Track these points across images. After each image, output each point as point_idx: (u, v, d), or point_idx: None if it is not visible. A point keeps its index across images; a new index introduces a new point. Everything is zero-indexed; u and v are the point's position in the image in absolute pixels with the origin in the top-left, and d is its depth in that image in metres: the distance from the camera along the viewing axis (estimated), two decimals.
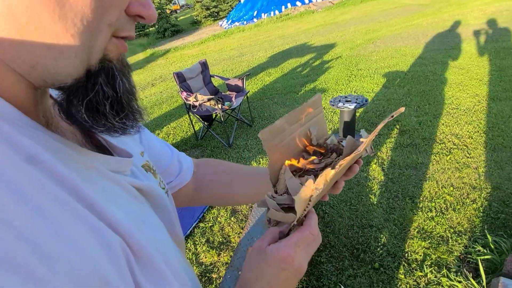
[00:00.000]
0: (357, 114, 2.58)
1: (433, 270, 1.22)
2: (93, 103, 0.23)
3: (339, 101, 2.15)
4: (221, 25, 10.31)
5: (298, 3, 9.45)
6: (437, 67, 3.26)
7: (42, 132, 0.22)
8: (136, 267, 0.22)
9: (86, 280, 0.17)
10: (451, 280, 1.15)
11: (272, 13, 9.31)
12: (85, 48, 0.21)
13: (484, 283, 1.05)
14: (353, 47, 4.74)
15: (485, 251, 1.20)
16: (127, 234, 0.22)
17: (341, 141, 0.42)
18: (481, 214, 1.43)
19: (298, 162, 0.40)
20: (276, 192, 0.38)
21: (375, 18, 6.64)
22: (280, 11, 9.35)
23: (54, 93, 0.26)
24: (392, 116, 0.37)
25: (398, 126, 2.31)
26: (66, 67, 0.21)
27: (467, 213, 1.45)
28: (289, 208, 0.35)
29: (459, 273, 1.17)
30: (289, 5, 9.43)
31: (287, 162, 0.39)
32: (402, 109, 0.40)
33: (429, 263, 1.26)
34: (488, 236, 1.24)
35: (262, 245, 0.34)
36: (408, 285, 1.19)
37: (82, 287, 0.17)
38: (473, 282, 1.07)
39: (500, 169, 1.67)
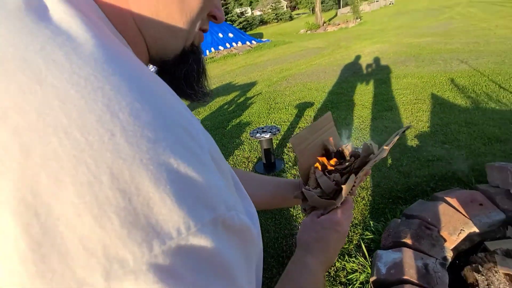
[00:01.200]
0: (276, 141, 2.97)
1: (338, 259, 1.50)
2: (187, 73, 0.32)
3: (257, 132, 2.49)
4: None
5: (220, 47, 10.35)
6: (333, 97, 4.05)
7: None
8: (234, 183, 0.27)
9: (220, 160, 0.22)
10: (350, 263, 1.44)
11: None
12: (187, 33, 0.29)
13: (367, 256, 1.37)
14: (271, 84, 5.45)
15: (369, 234, 1.56)
16: None
17: (357, 148, 0.52)
18: (369, 207, 1.84)
19: (326, 163, 0.49)
20: (307, 186, 0.47)
21: (286, 59, 7.80)
22: (205, 54, 10.01)
23: None
24: (404, 132, 0.50)
25: None
26: (175, 45, 0.29)
27: (359, 208, 1.85)
28: (322, 198, 0.45)
29: (356, 256, 1.48)
30: (212, 49, 10.24)
31: (316, 164, 0.48)
32: (410, 125, 0.53)
33: None
34: (371, 222, 1.62)
35: (313, 218, 0.42)
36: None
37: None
38: (362, 259, 1.39)
39: (378, 171, 2.19)
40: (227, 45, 10.47)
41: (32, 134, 0.14)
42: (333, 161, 0.49)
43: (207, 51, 10.13)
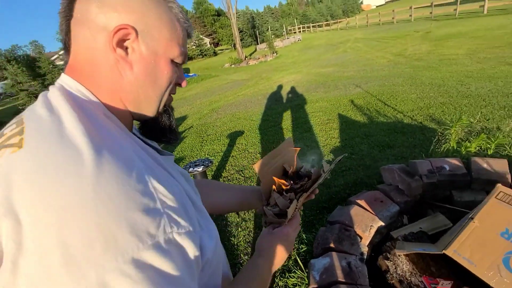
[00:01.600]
0: (211, 172, 2.99)
1: (281, 278, 1.57)
2: (161, 127, 0.48)
3: (190, 166, 2.48)
4: None
5: None
6: (261, 123, 4.37)
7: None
8: (193, 207, 0.41)
9: (181, 199, 0.38)
10: (291, 278, 1.52)
11: None
12: (159, 103, 0.45)
13: (302, 267, 1.48)
14: (201, 117, 5.52)
15: (304, 246, 1.69)
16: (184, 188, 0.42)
17: (311, 169, 0.64)
18: (301, 221, 2.00)
19: (282, 184, 0.60)
20: (268, 204, 0.58)
21: (214, 92, 8.09)
22: None
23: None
24: (339, 161, 0.64)
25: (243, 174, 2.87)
26: (151, 111, 0.45)
27: None
28: (279, 214, 0.56)
29: (295, 271, 1.58)
30: None
31: (274, 186, 0.59)
32: (345, 155, 0.72)
33: (277, 274, 1.61)
34: (303, 235, 1.77)
35: (270, 230, 0.56)
36: None
37: (182, 201, 0.37)
38: (300, 272, 1.49)
39: None
40: None
41: (61, 208, 0.29)
42: (288, 182, 0.61)
43: None
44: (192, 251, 0.35)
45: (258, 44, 24.75)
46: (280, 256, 0.54)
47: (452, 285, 1.10)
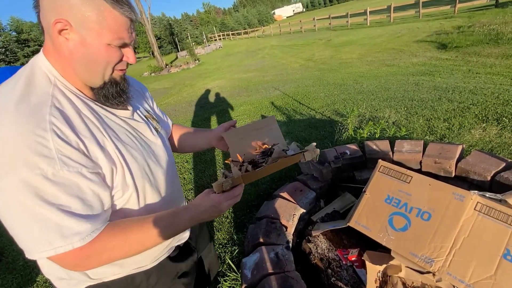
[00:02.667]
0: None
1: (215, 285, 1.53)
2: (106, 93, 0.62)
3: None
4: None
5: None
6: None
7: (92, 102, 0.62)
8: (113, 149, 0.61)
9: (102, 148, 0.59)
10: (226, 282, 1.51)
11: None
12: (103, 76, 0.60)
13: (235, 268, 1.49)
14: None
15: (237, 248, 1.70)
16: (110, 145, 0.60)
17: (287, 150, 0.65)
18: (233, 224, 2.02)
19: (243, 157, 0.67)
20: (230, 172, 0.62)
21: None
22: None
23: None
24: (302, 152, 0.70)
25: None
26: (96, 82, 0.60)
27: (225, 228, 1.99)
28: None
29: (228, 275, 1.57)
30: None
31: (229, 160, 0.68)
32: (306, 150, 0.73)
33: (212, 281, 1.57)
34: (235, 236, 1.78)
35: (209, 193, 0.64)
36: None
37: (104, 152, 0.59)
38: (233, 274, 1.49)
39: None
40: None
41: None
42: (258, 156, 0.69)
43: None
44: (84, 183, 0.52)
45: (178, 51, 23.96)
46: (203, 214, 0.64)
47: (359, 251, 1.28)
